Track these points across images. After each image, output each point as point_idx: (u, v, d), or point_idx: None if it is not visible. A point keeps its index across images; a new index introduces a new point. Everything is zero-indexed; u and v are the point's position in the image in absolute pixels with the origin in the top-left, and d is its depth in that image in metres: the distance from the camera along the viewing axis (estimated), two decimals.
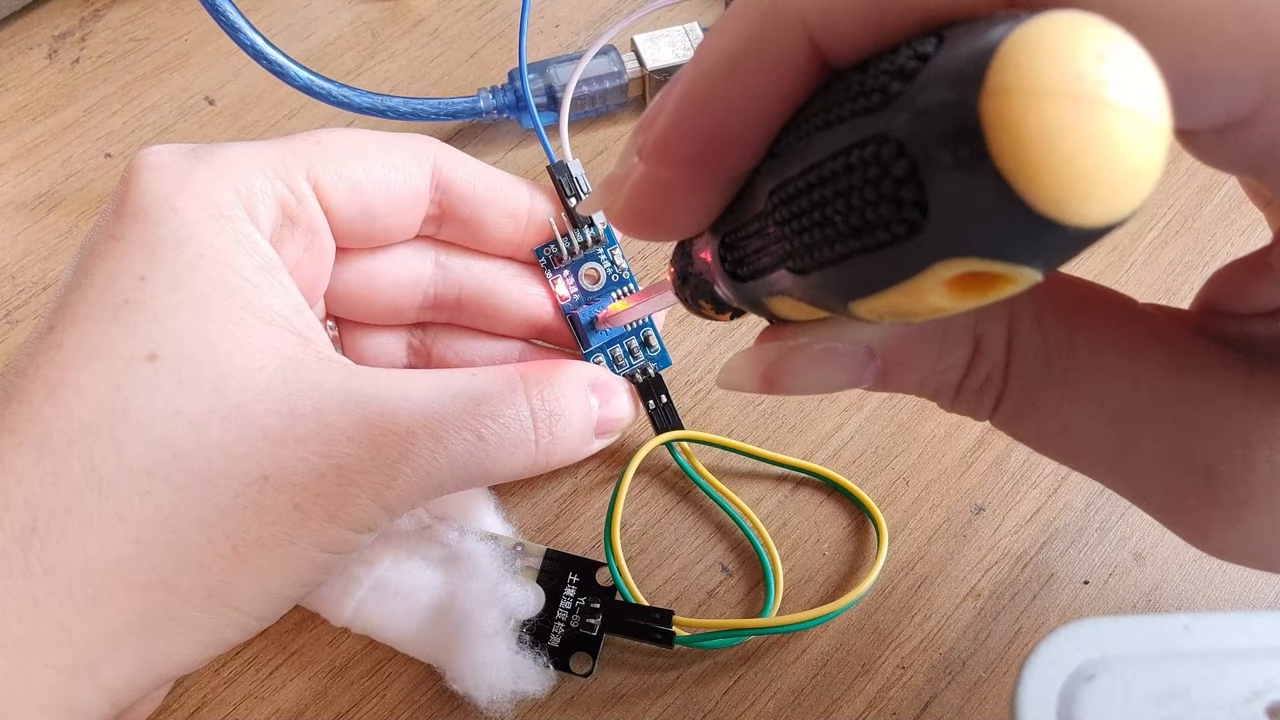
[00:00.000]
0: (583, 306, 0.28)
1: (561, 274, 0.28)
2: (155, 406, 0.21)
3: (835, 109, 0.13)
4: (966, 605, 0.27)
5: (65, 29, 0.40)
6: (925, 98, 0.11)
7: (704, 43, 0.15)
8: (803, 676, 0.26)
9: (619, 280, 0.29)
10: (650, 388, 0.29)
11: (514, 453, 0.24)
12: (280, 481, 0.21)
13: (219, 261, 0.22)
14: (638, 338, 0.29)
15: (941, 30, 0.11)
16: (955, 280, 0.11)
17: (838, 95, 0.13)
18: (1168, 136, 0.11)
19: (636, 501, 0.29)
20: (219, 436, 0.21)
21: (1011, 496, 0.29)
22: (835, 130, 0.12)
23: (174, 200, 0.22)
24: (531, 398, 0.25)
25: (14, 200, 0.35)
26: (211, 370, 0.21)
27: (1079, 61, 0.10)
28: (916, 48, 0.11)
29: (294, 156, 0.24)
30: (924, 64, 0.11)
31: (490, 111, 0.35)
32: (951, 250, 0.11)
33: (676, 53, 0.36)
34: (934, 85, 0.11)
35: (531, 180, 0.28)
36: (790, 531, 0.28)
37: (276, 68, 0.32)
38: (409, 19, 0.40)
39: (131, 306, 0.21)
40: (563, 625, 0.26)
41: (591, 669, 0.26)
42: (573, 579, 0.27)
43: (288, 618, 0.27)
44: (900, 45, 0.12)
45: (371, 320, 0.28)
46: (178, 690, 0.26)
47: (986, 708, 0.26)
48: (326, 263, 0.26)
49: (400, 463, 0.22)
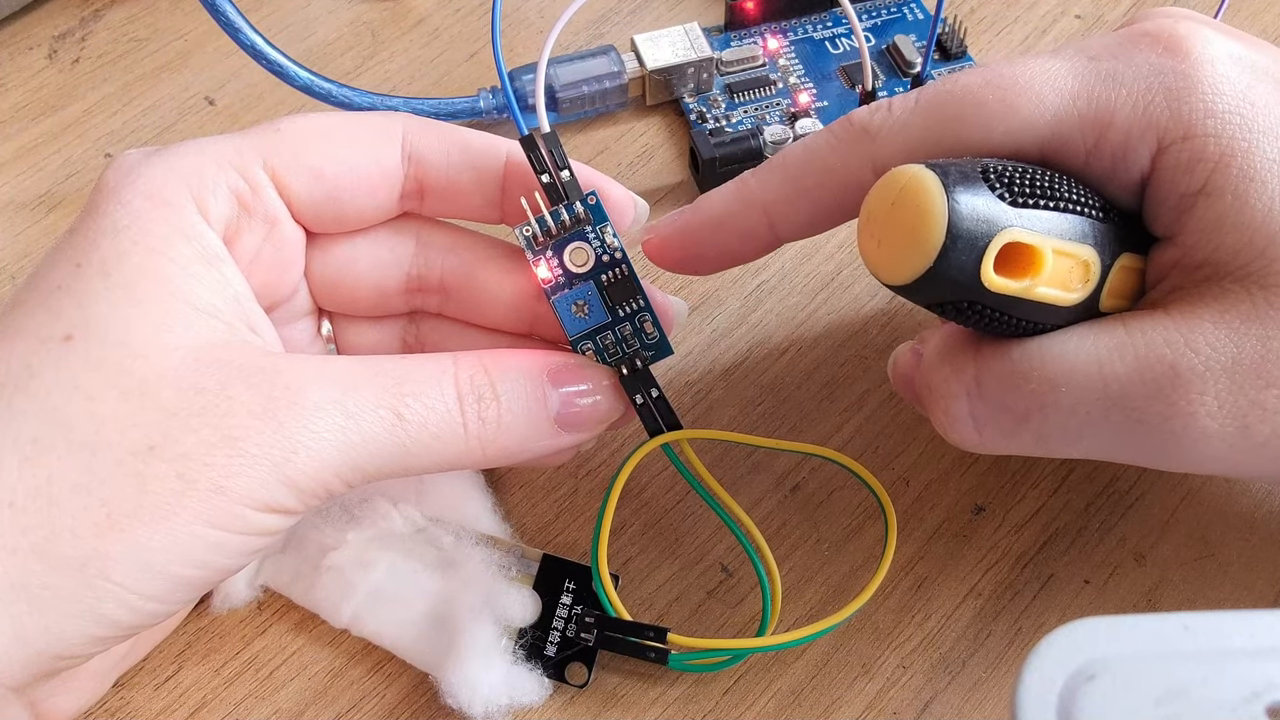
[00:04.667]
0: (564, 291, 0.26)
1: (544, 255, 0.26)
2: (56, 381, 0.21)
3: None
4: (966, 605, 0.27)
5: (65, 29, 0.40)
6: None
7: (705, 197, 0.27)
8: (803, 676, 0.26)
9: (610, 262, 0.26)
10: (636, 381, 0.26)
11: (439, 437, 0.23)
12: (166, 451, 0.21)
13: (153, 249, 0.22)
14: (633, 323, 0.26)
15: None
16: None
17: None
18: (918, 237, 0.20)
19: (636, 501, 0.29)
20: (112, 409, 0.21)
21: (1011, 496, 0.29)
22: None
23: (121, 192, 0.23)
24: (460, 380, 0.23)
25: (14, 200, 0.36)
26: (122, 350, 0.21)
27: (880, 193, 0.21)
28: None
29: (250, 146, 0.24)
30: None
31: (490, 111, 0.35)
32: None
33: (676, 53, 0.36)
34: None
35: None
36: (790, 532, 0.28)
37: (276, 68, 0.32)
38: (409, 19, 0.40)
39: (62, 292, 0.22)
40: (559, 635, 0.26)
41: (587, 680, 0.26)
42: (569, 586, 0.27)
43: (288, 618, 0.27)
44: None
45: (359, 309, 0.28)
46: (178, 690, 0.26)
47: (986, 708, 0.26)
48: (294, 251, 0.26)
49: (303, 434, 0.21)
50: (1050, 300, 0.21)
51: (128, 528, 0.20)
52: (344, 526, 0.27)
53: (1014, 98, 0.23)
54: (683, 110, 0.37)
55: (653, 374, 0.26)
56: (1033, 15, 0.40)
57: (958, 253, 0.20)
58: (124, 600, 0.20)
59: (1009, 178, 0.21)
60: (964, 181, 0.20)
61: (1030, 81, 0.23)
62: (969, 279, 0.20)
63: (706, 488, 0.26)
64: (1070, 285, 0.22)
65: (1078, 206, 0.22)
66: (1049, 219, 0.21)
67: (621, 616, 0.25)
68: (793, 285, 0.33)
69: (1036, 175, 0.21)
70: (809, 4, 0.38)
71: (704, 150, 0.34)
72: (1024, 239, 0.20)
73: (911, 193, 0.20)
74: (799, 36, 0.38)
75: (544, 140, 0.25)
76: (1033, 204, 0.21)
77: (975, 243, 0.20)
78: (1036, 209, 0.21)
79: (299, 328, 0.27)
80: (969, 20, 0.39)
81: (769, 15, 0.38)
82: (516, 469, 0.30)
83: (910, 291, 0.21)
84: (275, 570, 0.27)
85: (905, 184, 0.20)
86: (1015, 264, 0.21)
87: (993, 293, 0.20)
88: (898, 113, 0.24)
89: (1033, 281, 0.21)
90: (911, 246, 0.20)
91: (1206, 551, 0.28)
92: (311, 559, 0.26)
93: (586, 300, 0.26)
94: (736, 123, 0.36)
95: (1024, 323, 0.22)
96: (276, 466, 0.21)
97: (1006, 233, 0.20)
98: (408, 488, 0.28)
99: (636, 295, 0.26)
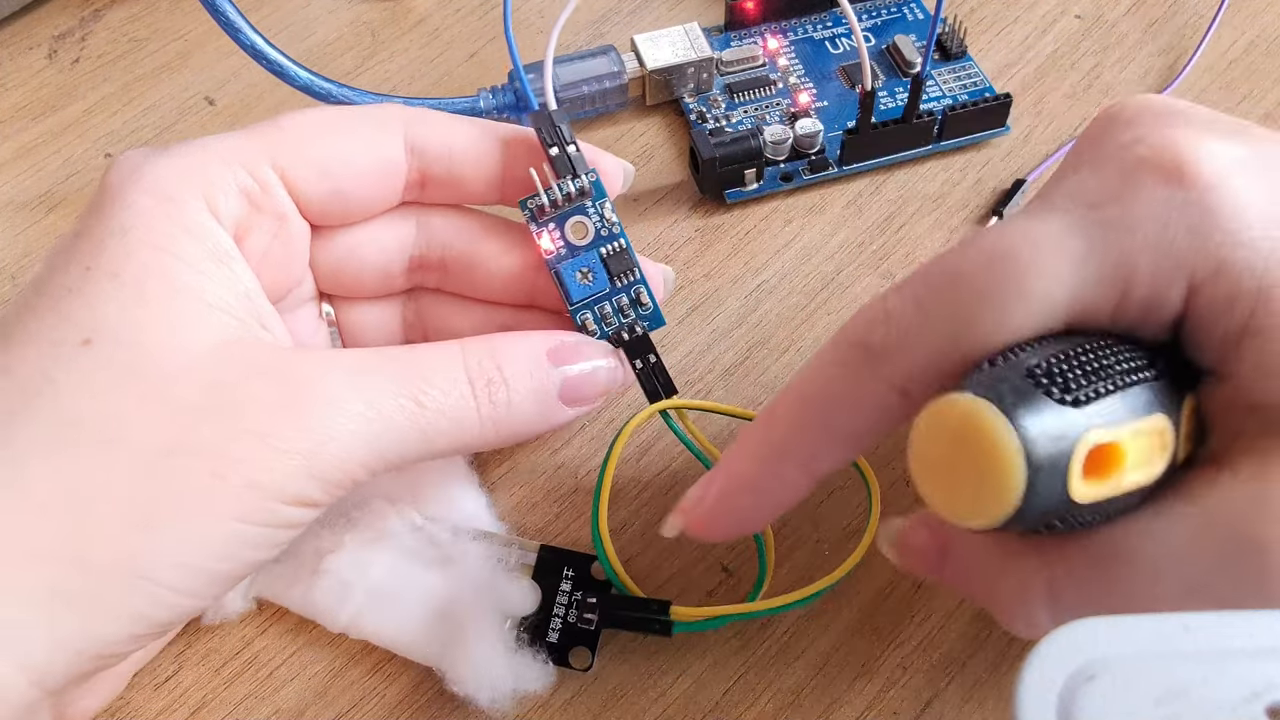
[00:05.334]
0: (567, 261, 0.27)
1: (546, 227, 0.27)
2: (74, 385, 0.21)
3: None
4: (966, 605, 0.27)
5: (65, 29, 0.40)
6: None
7: (731, 456, 0.23)
8: (803, 676, 0.26)
9: (609, 235, 0.28)
10: (637, 347, 0.28)
11: (458, 421, 0.24)
12: (196, 448, 0.21)
13: (161, 248, 0.22)
14: (629, 294, 0.28)
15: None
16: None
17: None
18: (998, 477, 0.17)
19: (636, 501, 0.29)
20: (135, 410, 0.21)
21: None
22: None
23: (127, 193, 0.23)
24: (469, 365, 0.24)
25: (14, 200, 0.36)
26: (138, 350, 0.21)
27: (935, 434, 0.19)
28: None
29: (256, 144, 0.24)
30: None
31: (490, 111, 0.35)
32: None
33: (676, 53, 0.36)
34: None
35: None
36: (790, 532, 0.28)
37: (276, 68, 0.32)
38: (409, 19, 0.40)
39: (73, 295, 0.22)
40: (560, 621, 0.26)
41: (590, 664, 0.26)
42: (568, 574, 0.27)
43: (288, 618, 0.27)
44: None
45: (363, 293, 0.28)
46: (178, 690, 0.26)
47: (986, 708, 0.26)
48: (300, 245, 0.26)
49: (329, 427, 0.22)
50: (1139, 485, 0.19)
51: (163, 528, 0.20)
52: (341, 530, 0.27)
53: (1022, 278, 0.20)
54: (683, 110, 0.37)
55: (651, 340, 0.28)
56: (1033, 15, 0.40)
57: (1043, 483, 0.17)
58: (161, 598, 0.21)
59: (1061, 375, 0.18)
60: (1021, 399, 0.17)
61: (1034, 254, 0.20)
62: (1060, 502, 0.18)
63: (706, 454, 0.27)
64: (1153, 462, 0.19)
65: (1134, 375, 0.19)
66: (1115, 405, 0.19)
67: (627, 586, 0.26)
68: (793, 285, 0.33)
69: (1084, 358, 0.19)
70: (809, 4, 0.38)
71: (704, 150, 0.34)
72: (1104, 439, 0.18)
73: (973, 433, 0.17)
74: (799, 36, 0.38)
75: (553, 116, 0.27)
76: (1094, 395, 0.18)
77: (1058, 465, 0.17)
78: (1099, 399, 0.18)
79: (301, 314, 0.28)
80: (969, 20, 0.39)
81: (769, 15, 0.38)
82: (515, 470, 0.30)
83: (997, 530, 0.18)
84: (269, 580, 0.27)
85: (959, 424, 0.18)
86: (1099, 466, 0.18)
87: (1085, 505, 0.18)
88: (898, 321, 0.21)
89: (1120, 476, 0.19)
90: (990, 492, 0.17)
91: None
92: (308, 564, 0.26)
93: (590, 268, 0.27)
94: (736, 123, 0.36)
95: (1116, 512, 0.20)
96: (306, 461, 0.21)
97: (1084, 441, 0.18)
98: (404, 488, 0.28)
99: (633, 268, 0.28)
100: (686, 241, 0.34)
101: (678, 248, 0.34)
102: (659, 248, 0.34)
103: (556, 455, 0.30)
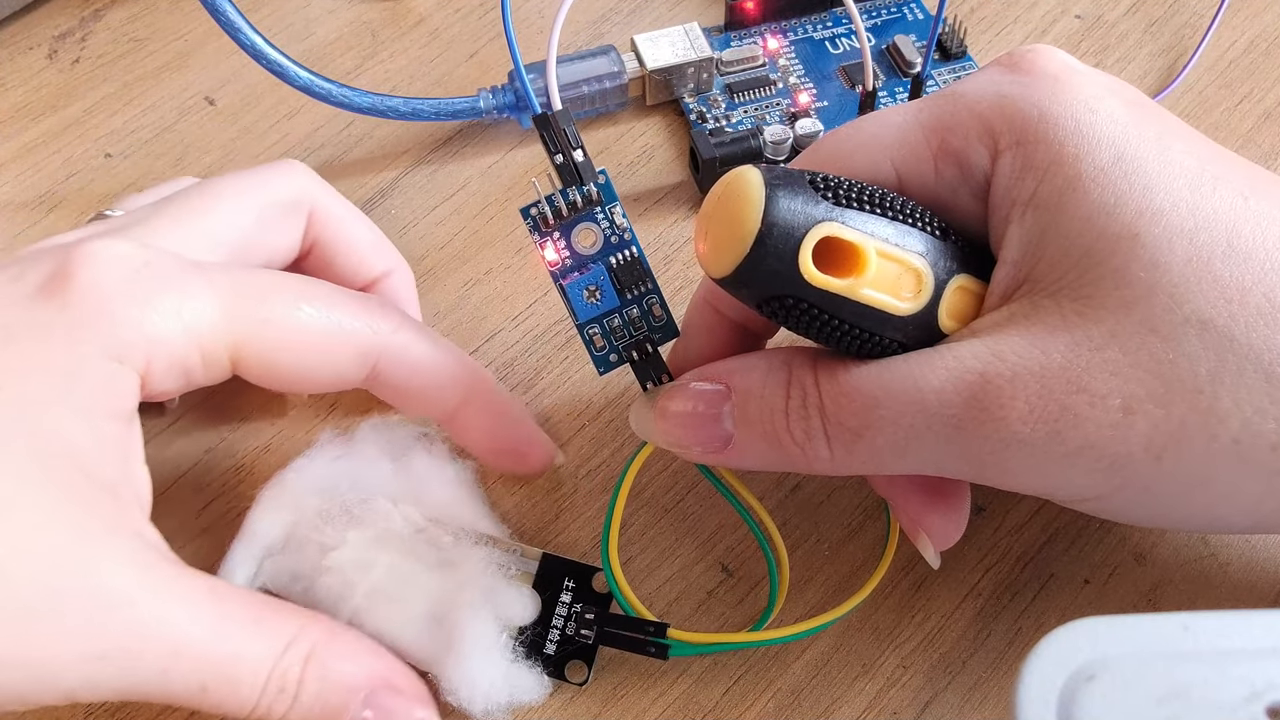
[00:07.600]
0: (574, 274, 0.25)
1: (550, 237, 0.25)
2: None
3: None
4: (966, 605, 0.27)
5: (65, 29, 0.40)
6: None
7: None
8: (803, 676, 0.26)
9: (619, 243, 0.26)
10: (648, 368, 0.26)
11: (222, 706, 0.22)
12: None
13: (56, 427, 0.22)
14: (640, 306, 0.26)
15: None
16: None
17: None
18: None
19: (636, 501, 0.29)
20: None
21: (1011, 496, 0.29)
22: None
23: (78, 336, 0.22)
24: (284, 658, 0.23)
25: (14, 200, 0.36)
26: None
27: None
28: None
29: (226, 323, 0.24)
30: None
31: (490, 111, 0.35)
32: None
33: (676, 53, 0.36)
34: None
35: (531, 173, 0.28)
36: (790, 532, 0.28)
37: (276, 68, 0.32)
38: (409, 19, 0.40)
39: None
40: (558, 633, 0.26)
41: (587, 678, 0.26)
42: (569, 585, 0.27)
43: None
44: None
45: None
46: None
47: (986, 708, 0.26)
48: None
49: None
50: (878, 305, 0.21)
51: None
52: (344, 526, 0.27)
53: (862, 123, 0.24)
54: (683, 110, 0.37)
55: (662, 358, 0.26)
56: (1033, 15, 0.40)
57: (774, 240, 0.20)
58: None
59: (837, 184, 0.21)
60: (788, 180, 0.21)
61: (881, 112, 0.24)
62: (787, 269, 0.20)
63: (716, 474, 0.26)
64: (900, 293, 0.21)
65: (912, 220, 0.22)
66: (876, 223, 0.21)
67: (635, 608, 0.25)
68: None
69: (871, 189, 0.22)
70: (809, 4, 0.38)
71: (704, 150, 0.34)
72: (843, 235, 0.21)
73: (734, 186, 0.21)
74: (799, 36, 0.38)
75: (557, 118, 0.25)
76: (858, 207, 0.21)
77: (791, 232, 0.20)
78: (862, 212, 0.21)
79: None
80: (969, 20, 0.39)
81: (769, 15, 0.38)
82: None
83: (734, 284, 0.21)
84: (275, 571, 0.27)
85: (730, 181, 0.21)
86: (839, 263, 0.21)
87: (815, 288, 0.21)
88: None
89: (856, 281, 0.21)
90: (730, 235, 0.20)
91: (1207, 551, 0.28)
92: (311, 559, 0.26)
93: (599, 285, 0.26)
94: (736, 123, 0.36)
95: (859, 332, 0.22)
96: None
97: (824, 225, 0.20)
98: (408, 490, 0.28)
99: (645, 278, 0.26)
100: (687, 242, 0.34)
101: (678, 248, 0.34)
102: (659, 248, 0.34)
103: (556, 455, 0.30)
